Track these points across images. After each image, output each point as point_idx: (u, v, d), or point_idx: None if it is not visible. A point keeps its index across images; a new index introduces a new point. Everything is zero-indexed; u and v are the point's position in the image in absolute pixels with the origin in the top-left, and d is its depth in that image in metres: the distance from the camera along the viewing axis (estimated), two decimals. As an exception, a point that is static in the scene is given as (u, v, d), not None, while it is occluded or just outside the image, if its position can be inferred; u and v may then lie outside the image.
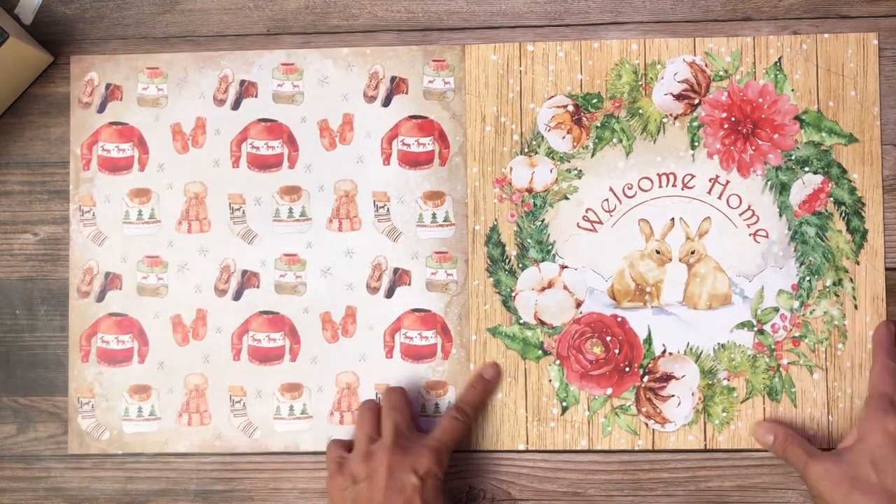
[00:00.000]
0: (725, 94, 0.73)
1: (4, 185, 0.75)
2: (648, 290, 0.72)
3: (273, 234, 0.74)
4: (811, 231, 0.72)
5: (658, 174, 0.73)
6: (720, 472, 0.71)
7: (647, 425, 0.72)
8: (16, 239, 0.75)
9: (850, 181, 0.72)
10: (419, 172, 0.74)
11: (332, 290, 0.74)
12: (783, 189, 0.72)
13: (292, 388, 0.73)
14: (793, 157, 0.72)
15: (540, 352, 0.72)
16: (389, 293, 0.74)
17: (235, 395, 0.73)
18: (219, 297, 0.74)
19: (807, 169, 0.72)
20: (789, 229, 0.72)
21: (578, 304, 0.73)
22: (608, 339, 0.72)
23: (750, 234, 0.72)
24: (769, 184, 0.72)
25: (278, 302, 0.74)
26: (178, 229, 0.75)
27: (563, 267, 0.73)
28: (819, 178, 0.72)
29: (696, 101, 0.73)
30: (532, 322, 0.73)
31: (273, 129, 0.75)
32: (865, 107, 0.72)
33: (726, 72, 0.73)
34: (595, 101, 0.73)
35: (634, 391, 0.72)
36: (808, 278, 0.72)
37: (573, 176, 0.73)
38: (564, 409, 0.72)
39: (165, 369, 0.74)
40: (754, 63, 0.73)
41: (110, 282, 0.74)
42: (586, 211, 0.73)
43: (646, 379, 0.72)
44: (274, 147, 0.75)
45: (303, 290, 0.74)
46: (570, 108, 0.73)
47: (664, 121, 0.73)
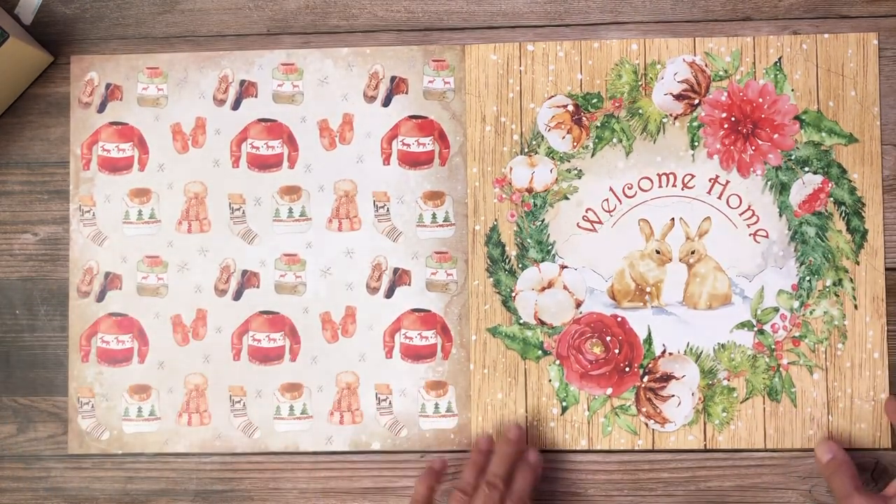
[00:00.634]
0: (725, 94, 0.73)
1: (4, 185, 0.75)
2: (648, 290, 0.72)
3: (273, 234, 0.74)
4: (811, 231, 0.72)
5: (658, 174, 0.73)
6: (720, 472, 0.71)
7: (647, 425, 0.72)
8: (16, 239, 0.75)
9: (850, 181, 0.72)
10: (419, 172, 0.74)
11: (331, 290, 0.74)
12: (783, 189, 0.72)
13: (292, 388, 0.73)
14: (793, 157, 0.72)
15: (540, 352, 0.72)
16: (389, 293, 0.74)
17: (235, 395, 0.73)
18: (219, 297, 0.74)
19: (807, 169, 0.72)
20: (789, 229, 0.72)
21: (578, 304, 0.73)
22: (608, 339, 0.72)
23: (750, 234, 0.72)
24: (769, 184, 0.72)
25: (278, 302, 0.74)
26: (178, 229, 0.75)
27: (563, 267, 0.73)
28: (819, 178, 0.72)
29: (696, 101, 0.73)
30: (532, 322, 0.72)
31: (273, 129, 0.75)
32: (865, 107, 0.72)
33: (726, 72, 0.73)
34: (595, 100, 0.73)
35: (634, 391, 0.72)
36: (808, 278, 0.72)
37: (573, 176, 0.73)
38: (564, 409, 0.72)
39: (165, 369, 0.74)
40: (754, 63, 0.73)
41: (110, 282, 0.74)
42: (586, 211, 0.73)
43: (646, 379, 0.72)
44: (274, 147, 0.75)
45: (303, 290, 0.74)
46: (570, 107, 0.73)
47: (664, 121, 0.73)
